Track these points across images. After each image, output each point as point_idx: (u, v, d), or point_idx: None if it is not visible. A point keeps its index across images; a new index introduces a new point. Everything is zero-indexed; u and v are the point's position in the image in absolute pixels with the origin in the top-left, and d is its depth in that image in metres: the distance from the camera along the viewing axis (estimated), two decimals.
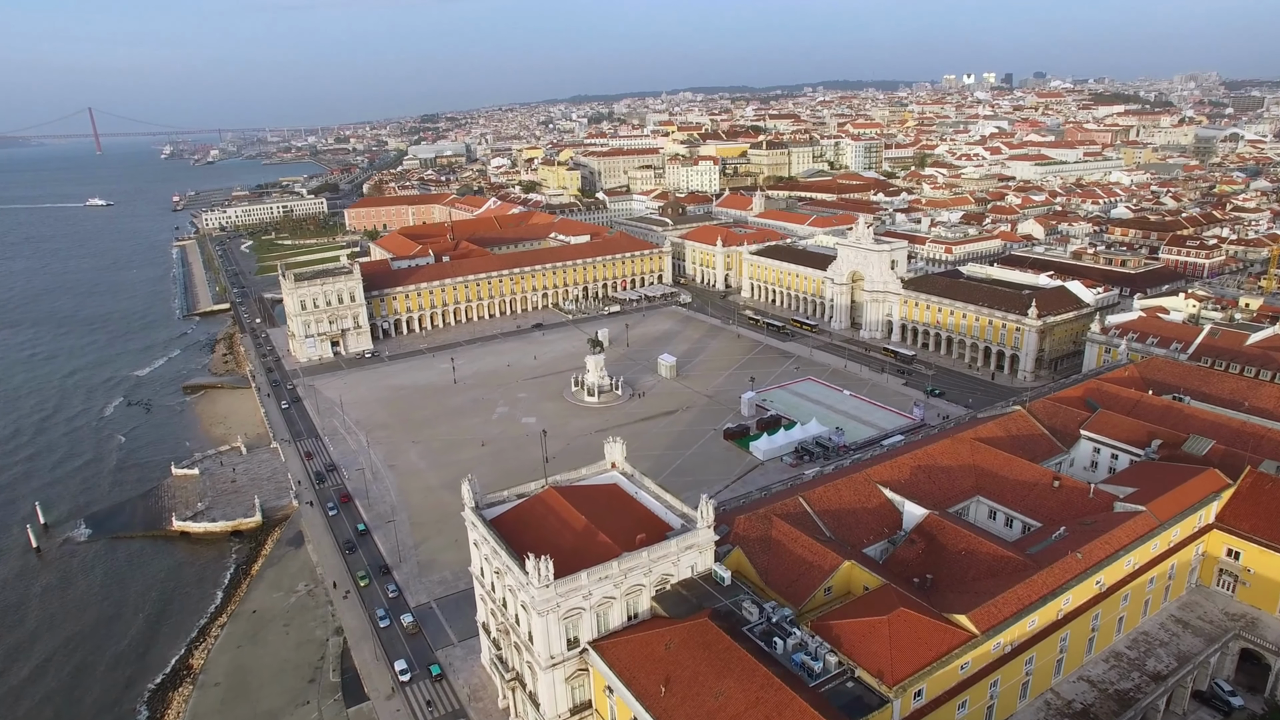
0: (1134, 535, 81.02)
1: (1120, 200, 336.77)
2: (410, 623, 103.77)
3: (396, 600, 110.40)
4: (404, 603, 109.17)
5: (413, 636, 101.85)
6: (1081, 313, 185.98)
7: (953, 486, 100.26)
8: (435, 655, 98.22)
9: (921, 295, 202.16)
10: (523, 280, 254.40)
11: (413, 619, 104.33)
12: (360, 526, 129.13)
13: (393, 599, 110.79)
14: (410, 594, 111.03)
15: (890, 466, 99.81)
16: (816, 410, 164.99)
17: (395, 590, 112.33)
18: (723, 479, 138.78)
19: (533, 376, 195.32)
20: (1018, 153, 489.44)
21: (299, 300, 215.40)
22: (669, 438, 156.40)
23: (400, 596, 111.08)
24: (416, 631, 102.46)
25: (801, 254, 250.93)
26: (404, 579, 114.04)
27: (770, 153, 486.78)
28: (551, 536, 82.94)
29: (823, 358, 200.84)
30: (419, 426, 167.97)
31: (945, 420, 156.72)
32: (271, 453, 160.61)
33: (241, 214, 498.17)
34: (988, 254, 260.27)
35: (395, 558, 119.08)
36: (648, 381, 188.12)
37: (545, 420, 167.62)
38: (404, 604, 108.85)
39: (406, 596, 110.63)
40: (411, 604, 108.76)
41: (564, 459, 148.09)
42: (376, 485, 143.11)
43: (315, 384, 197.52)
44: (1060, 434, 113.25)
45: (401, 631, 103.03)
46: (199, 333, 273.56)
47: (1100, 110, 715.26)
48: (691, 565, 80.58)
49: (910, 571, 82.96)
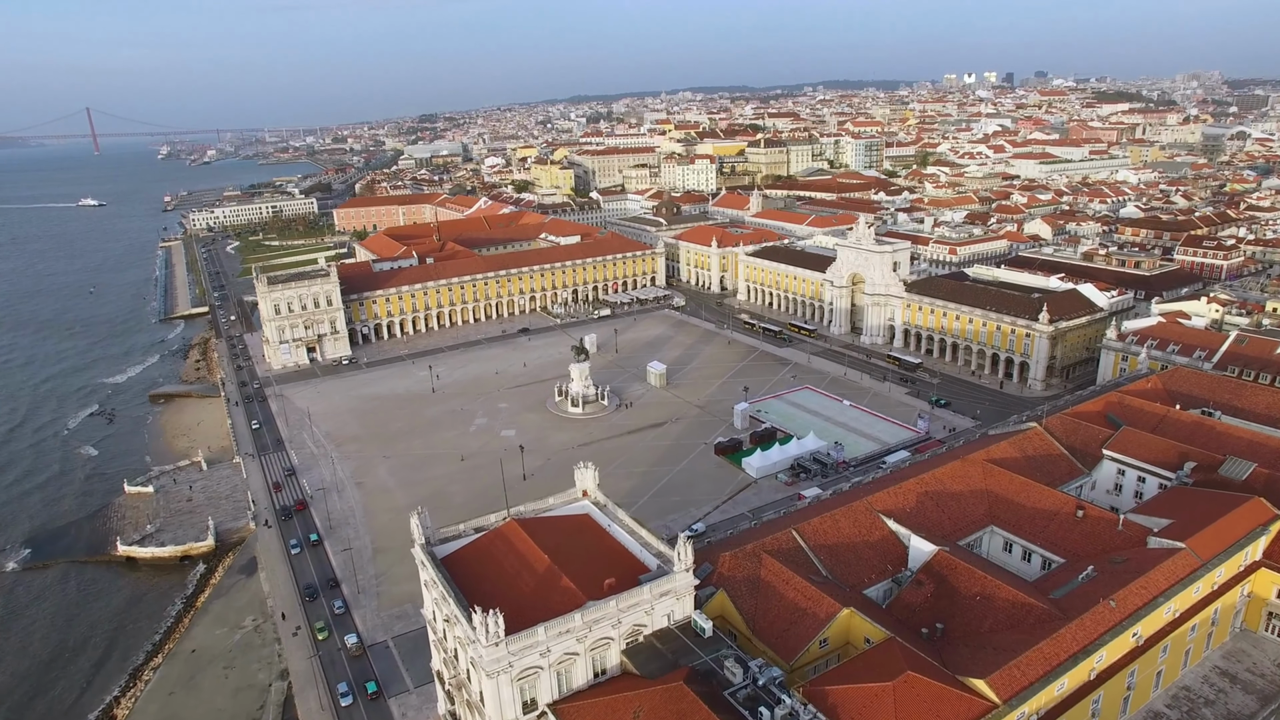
0: (1174, 577, 70.90)
1: (1129, 199, 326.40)
2: (355, 644, 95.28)
3: (344, 622, 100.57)
4: (355, 631, 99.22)
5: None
6: (1095, 317, 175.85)
7: (964, 516, 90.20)
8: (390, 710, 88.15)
9: (925, 298, 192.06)
10: (509, 283, 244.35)
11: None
12: (314, 537, 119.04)
13: (339, 617, 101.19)
14: (365, 627, 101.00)
15: (894, 494, 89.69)
16: (814, 422, 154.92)
17: (342, 606, 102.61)
18: (712, 498, 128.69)
19: (515, 385, 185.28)
20: (1022, 151, 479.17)
21: (273, 304, 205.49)
22: (656, 452, 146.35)
23: (347, 616, 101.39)
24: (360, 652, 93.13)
25: (800, 255, 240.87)
26: (361, 615, 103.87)
27: (768, 151, 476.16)
28: (510, 580, 73.03)
29: (821, 364, 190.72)
30: (391, 440, 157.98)
31: (952, 433, 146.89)
32: (234, 468, 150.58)
33: (229, 214, 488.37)
34: (994, 255, 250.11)
35: (353, 588, 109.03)
36: (636, 391, 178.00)
37: (526, 433, 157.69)
38: (355, 634, 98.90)
39: (358, 626, 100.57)
40: (366, 639, 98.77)
41: (543, 476, 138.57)
42: (341, 504, 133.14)
43: (287, 393, 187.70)
44: (1080, 454, 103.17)
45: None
46: (179, 337, 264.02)
47: (1104, 108, 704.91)
48: (668, 614, 70.61)
49: (918, 619, 72.90)
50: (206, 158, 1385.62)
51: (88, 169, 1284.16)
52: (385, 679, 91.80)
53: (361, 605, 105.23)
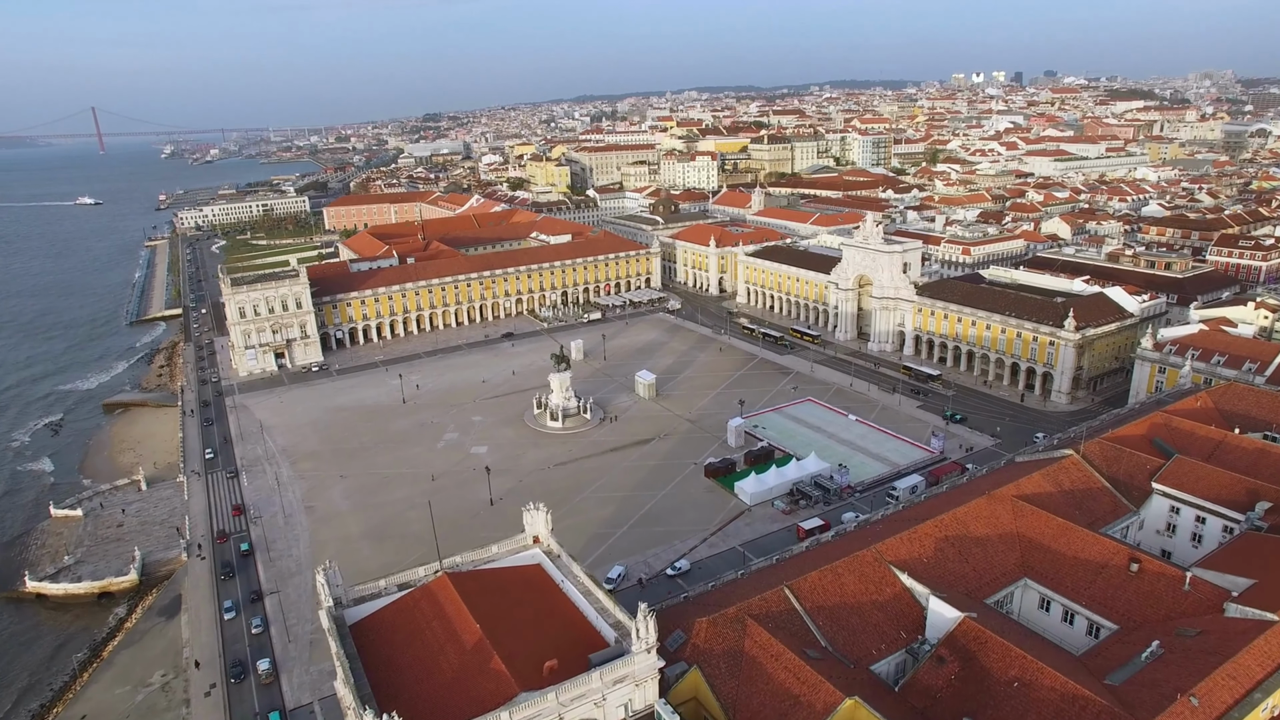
0: (1270, 663, 55.94)
1: (1151, 197, 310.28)
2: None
3: (270, 691, 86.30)
4: (278, 697, 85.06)
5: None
6: (1125, 324, 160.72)
7: (991, 565, 75.44)
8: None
9: (938, 303, 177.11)
10: (494, 284, 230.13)
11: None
12: (254, 589, 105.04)
13: (264, 684, 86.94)
14: (289, 684, 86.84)
15: (908, 540, 74.94)
16: (816, 439, 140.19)
17: (269, 668, 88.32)
18: (700, 528, 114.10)
19: (493, 395, 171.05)
20: (1035, 148, 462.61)
21: (237, 307, 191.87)
22: (640, 474, 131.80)
23: (274, 683, 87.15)
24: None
25: (803, 255, 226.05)
26: (288, 675, 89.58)
27: (772, 148, 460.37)
28: (431, 656, 58.73)
29: (825, 374, 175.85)
30: (352, 456, 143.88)
31: (969, 453, 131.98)
32: (176, 487, 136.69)
33: (219, 213, 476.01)
34: (1010, 256, 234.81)
35: (282, 635, 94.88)
36: (622, 402, 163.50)
37: (499, 450, 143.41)
38: (277, 698, 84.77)
39: (283, 689, 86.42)
40: (289, 701, 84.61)
41: (514, 500, 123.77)
42: (288, 532, 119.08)
43: (248, 402, 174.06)
44: (1124, 486, 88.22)
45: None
46: (156, 341, 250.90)
47: (1118, 106, 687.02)
48: (625, 703, 56.22)
49: (940, 709, 58.27)
50: (209, 157, 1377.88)
51: (90, 168, 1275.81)
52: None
53: (290, 662, 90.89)
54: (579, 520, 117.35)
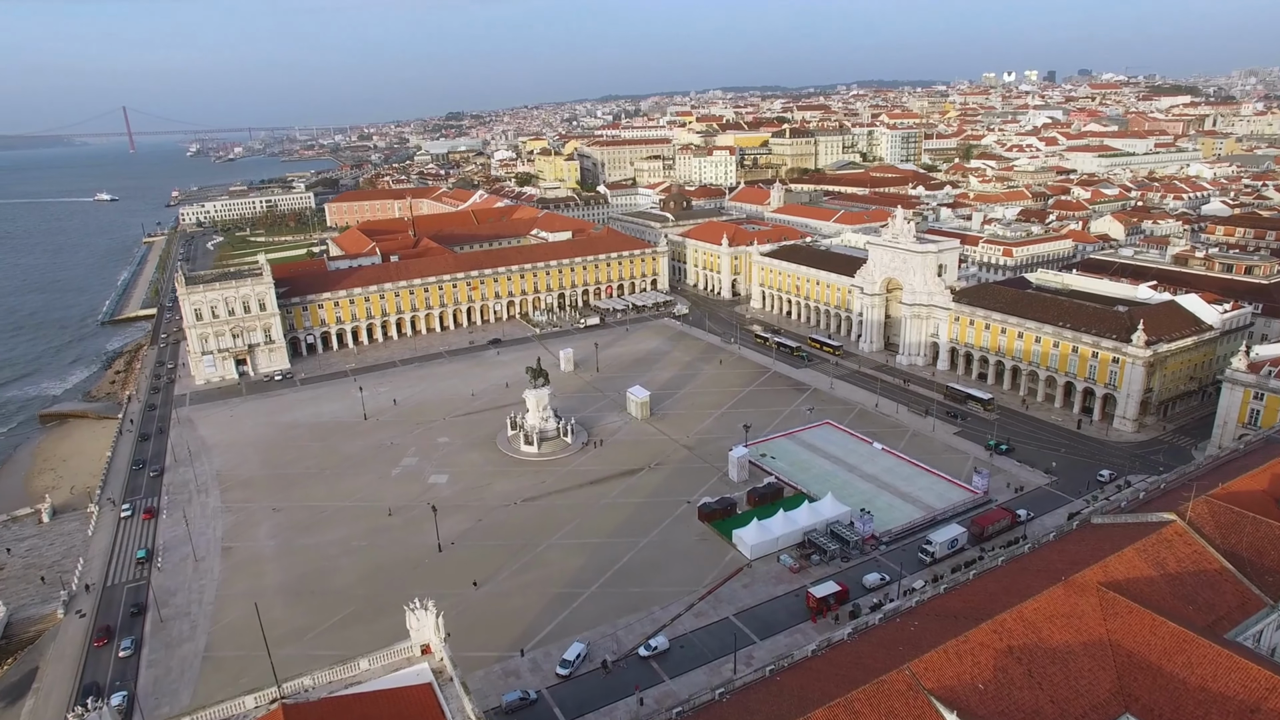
0: None
1: (1212, 194, 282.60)
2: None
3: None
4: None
5: None
6: (1203, 338, 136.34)
7: (1076, 695, 53.04)
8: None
9: (978, 310, 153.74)
10: (483, 285, 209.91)
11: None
12: (127, 644, 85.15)
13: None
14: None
15: (955, 655, 52.83)
16: (833, 474, 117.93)
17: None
18: (688, 590, 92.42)
19: (467, 411, 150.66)
20: (1077, 143, 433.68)
21: (193, 308, 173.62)
22: (622, 514, 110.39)
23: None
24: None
25: (824, 256, 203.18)
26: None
27: (794, 142, 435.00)
28: None
29: (846, 391, 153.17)
30: (291, 484, 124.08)
31: (1018, 493, 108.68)
32: (85, 519, 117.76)
33: (221, 209, 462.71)
34: (1057, 257, 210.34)
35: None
36: (611, 423, 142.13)
37: (461, 479, 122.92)
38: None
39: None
40: None
41: (467, 545, 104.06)
42: (194, 581, 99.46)
43: (197, 416, 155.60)
44: (1253, 569, 65.18)
45: None
46: (125, 343, 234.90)
47: (1163, 101, 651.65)
48: None
49: None
50: (232, 155, 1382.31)
51: (118, 166, 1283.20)
52: None
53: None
54: (540, 575, 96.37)
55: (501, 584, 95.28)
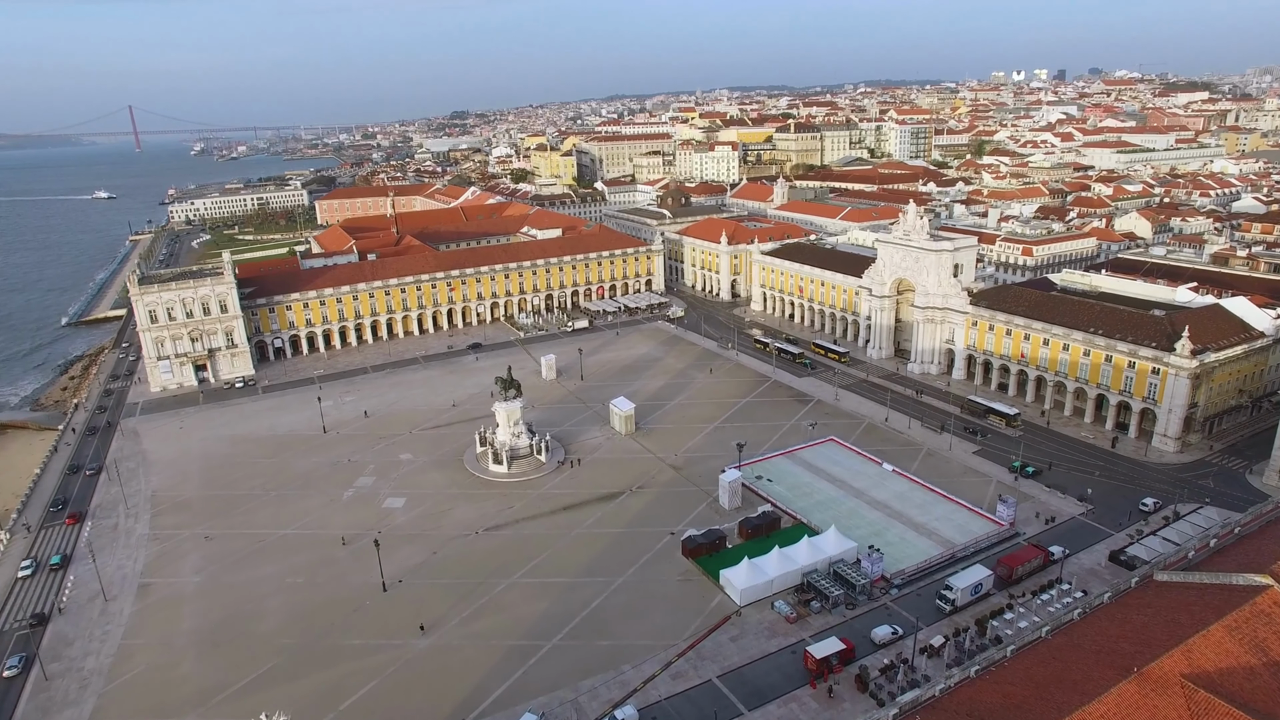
0: None
1: (1242, 190, 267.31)
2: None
3: None
4: None
5: None
6: (1254, 346, 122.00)
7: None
8: None
9: (998, 314, 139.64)
10: (464, 285, 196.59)
11: None
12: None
13: None
14: None
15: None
16: (838, 501, 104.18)
17: None
18: (664, 645, 78.74)
19: (436, 424, 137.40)
20: (1094, 139, 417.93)
21: (147, 310, 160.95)
22: (596, 546, 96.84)
23: None
24: None
25: (830, 255, 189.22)
26: None
27: (799, 137, 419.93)
28: None
29: (853, 403, 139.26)
30: (231, 508, 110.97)
31: (1050, 526, 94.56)
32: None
33: (211, 206, 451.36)
34: (1081, 257, 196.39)
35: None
36: (592, 439, 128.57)
37: (419, 503, 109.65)
38: None
39: None
40: None
41: (417, 584, 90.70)
42: (97, 628, 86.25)
43: (144, 427, 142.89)
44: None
45: None
46: (87, 346, 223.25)
47: (1180, 97, 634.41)
48: None
49: None
50: (236, 153, 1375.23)
51: (122, 164, 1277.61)
52: None
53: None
54: (495, 622, 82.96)
55: (450, 632, 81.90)
